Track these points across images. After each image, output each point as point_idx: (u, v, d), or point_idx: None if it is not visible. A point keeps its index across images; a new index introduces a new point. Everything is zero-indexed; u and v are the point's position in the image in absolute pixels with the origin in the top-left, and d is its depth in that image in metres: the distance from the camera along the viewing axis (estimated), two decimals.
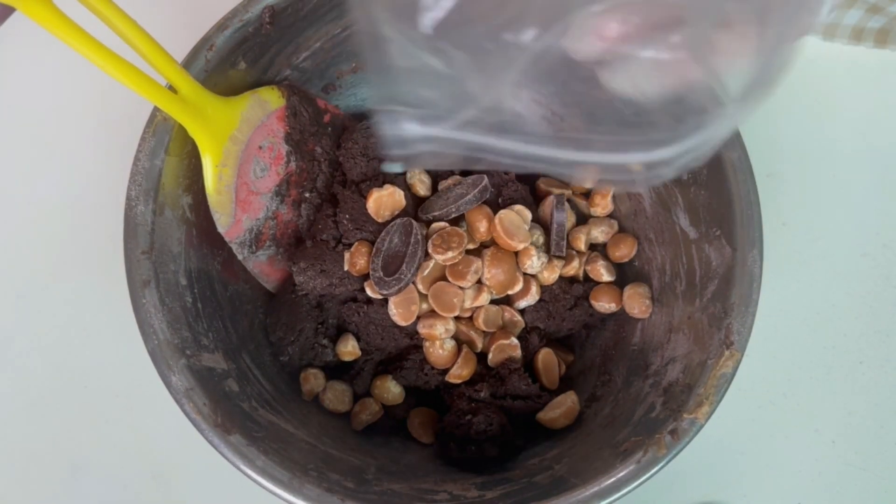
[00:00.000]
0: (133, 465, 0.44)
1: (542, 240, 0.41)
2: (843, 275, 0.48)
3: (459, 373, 0.40)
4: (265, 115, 0.39)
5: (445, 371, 0.40)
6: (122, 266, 0.34)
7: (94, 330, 0.46)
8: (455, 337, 0.41)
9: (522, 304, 0.41)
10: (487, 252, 0.40)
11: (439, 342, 0.40)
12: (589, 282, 0.43)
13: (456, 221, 0.41)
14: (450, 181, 0.42)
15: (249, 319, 0.41)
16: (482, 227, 0.40)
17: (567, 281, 0.43)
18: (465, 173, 0.43)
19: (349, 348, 0.41)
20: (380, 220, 0.40)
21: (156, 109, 0.36)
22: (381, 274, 0.38)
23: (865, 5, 0.44)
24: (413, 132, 0.26)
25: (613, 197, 0.44)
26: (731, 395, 0.35)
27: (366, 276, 0.40)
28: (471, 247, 0.40)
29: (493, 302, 0.41)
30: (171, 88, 0.35)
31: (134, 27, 0.33)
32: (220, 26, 0.37)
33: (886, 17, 0.44)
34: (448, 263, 0.39)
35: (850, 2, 0.45)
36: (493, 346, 0.41)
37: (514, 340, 0.41)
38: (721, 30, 0.22)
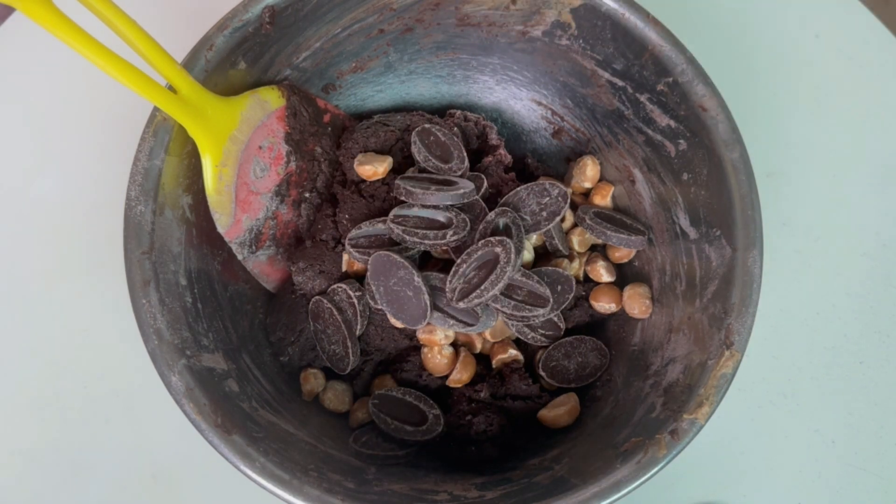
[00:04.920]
0: (133, 465, 0.44)
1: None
2: (843, 275, 0.48)
3: (459, 377, 0.39)
4: (265, 115, 0.39)
5: (445, 375, 0.40)
6: (122, 266, 0.34)
7: (94, 330, 0.46)
8: (453, 342, 0.41)
9: None
10: None
11: (438, 348, 0.39)
12: (589, 282, 0.43)
13: None
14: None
15: (249, 319, 0.41)
16: None
17: None
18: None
19: None
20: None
21: (156, 109, 0.35)
22: None
23: None
24: None
25: (613, 197, 0.44)
26: (731, 395, 0.35)
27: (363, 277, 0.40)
28: None
29: None
30: (171, 88, 0.35)
31: (134, 27, 0.33)
32: (220, 26, 0.37)
33: None
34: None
35: None
36: (494, 348, 0.41)
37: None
38: None
